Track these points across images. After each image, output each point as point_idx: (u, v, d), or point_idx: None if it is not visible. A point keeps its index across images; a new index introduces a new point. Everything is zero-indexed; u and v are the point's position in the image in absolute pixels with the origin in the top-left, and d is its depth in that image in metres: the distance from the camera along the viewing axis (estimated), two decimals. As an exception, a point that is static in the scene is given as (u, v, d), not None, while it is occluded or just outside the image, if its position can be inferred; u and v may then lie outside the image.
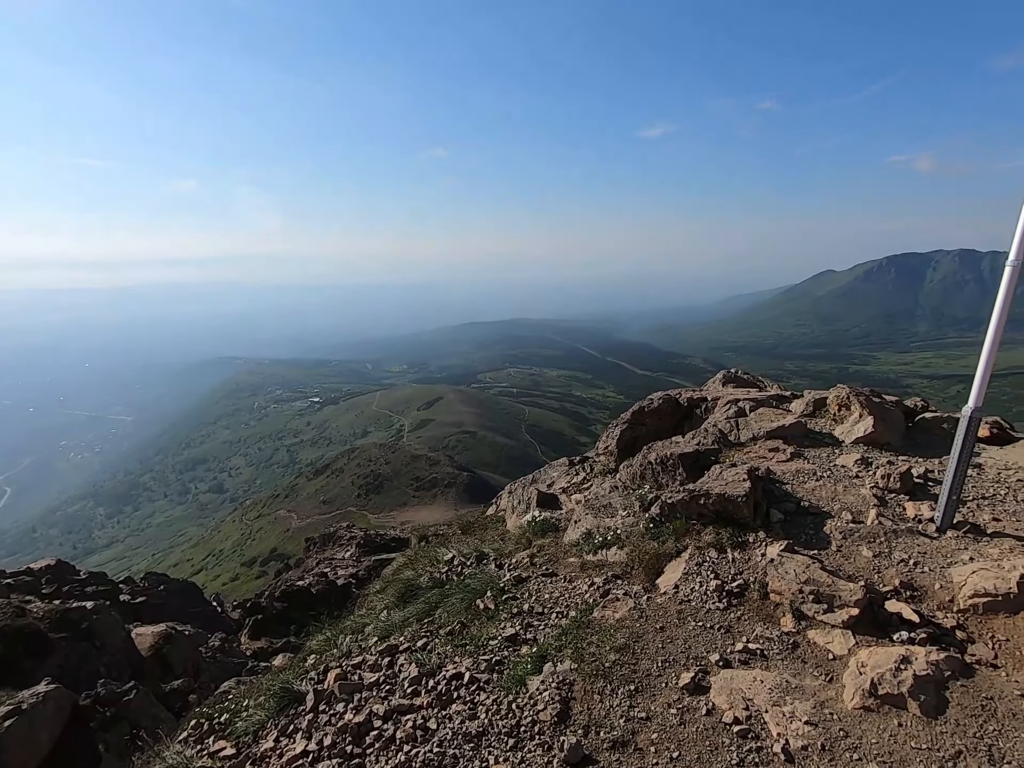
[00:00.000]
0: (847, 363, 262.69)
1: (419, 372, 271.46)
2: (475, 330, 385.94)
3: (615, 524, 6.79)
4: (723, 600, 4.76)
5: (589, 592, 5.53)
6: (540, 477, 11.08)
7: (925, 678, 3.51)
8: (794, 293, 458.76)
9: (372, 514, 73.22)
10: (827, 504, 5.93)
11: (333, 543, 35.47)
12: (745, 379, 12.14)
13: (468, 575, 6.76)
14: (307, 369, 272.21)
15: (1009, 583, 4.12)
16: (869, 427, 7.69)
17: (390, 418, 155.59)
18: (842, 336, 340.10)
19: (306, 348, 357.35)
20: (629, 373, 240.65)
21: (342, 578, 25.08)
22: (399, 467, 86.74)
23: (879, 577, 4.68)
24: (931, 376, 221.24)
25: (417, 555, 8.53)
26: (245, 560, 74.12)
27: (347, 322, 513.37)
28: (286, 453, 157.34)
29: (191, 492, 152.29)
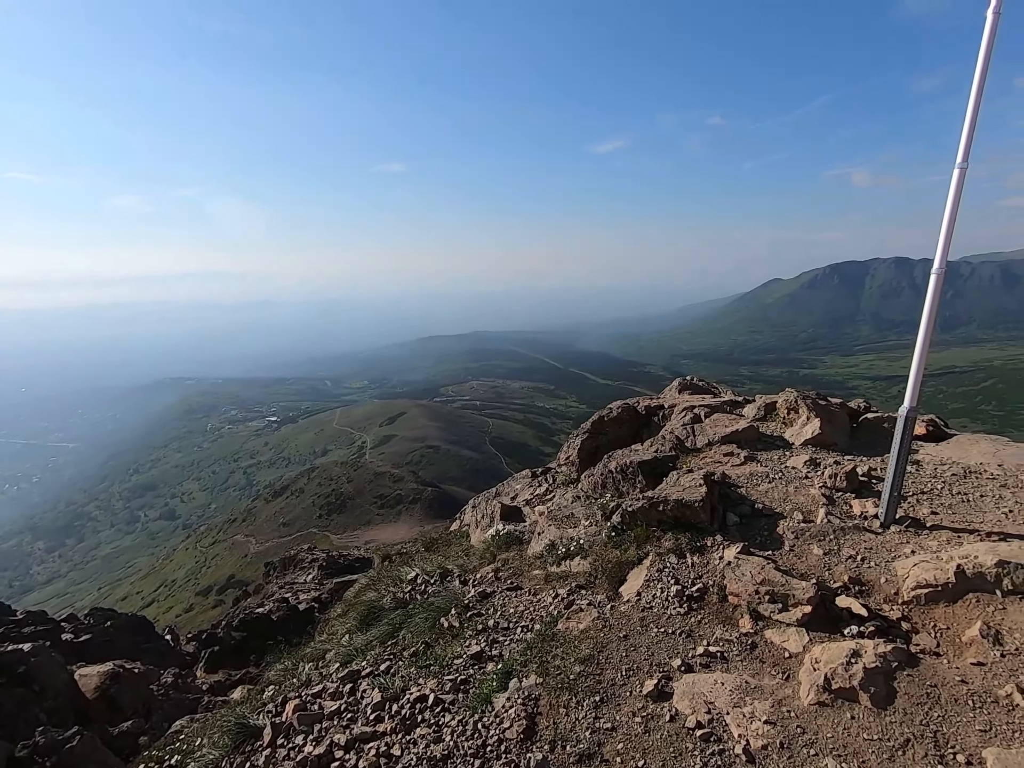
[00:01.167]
0: (797, 367, 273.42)
1: (380, 387, 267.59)
2: (436, 344, 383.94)
3: (578, 534, 6.83)
4: (684, 605, 4.84)
5: (554, 604, 5.52)
6: (503, 490, 11.05)
7: (874, 670, 3.64)
8: (745, 301, 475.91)
9: (335, 535, 71.30)
10: (780, 505, 6.13)
11: (294, 566, 34.34)
12: (700, 386, 12.47)
13: (432, 593, 6.67)
14: (263, 388, 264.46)
15: (947, 574, 4.33)
16: (816, 429, 8.01)
17: (351, 435, 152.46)
18: (791, 341, 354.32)
19: (262, 366, 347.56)
20: (591, 382, 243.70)
21: (304, 602, 24.27)
22: (362, 485, 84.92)
23: (829, 574, 4.85)
24: (874, 377, 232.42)
25: (380, 575, 8.36)
26: (200, 589, 70.84)
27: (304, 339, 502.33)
28: (243, 475, 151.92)
29: (140, 520, 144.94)
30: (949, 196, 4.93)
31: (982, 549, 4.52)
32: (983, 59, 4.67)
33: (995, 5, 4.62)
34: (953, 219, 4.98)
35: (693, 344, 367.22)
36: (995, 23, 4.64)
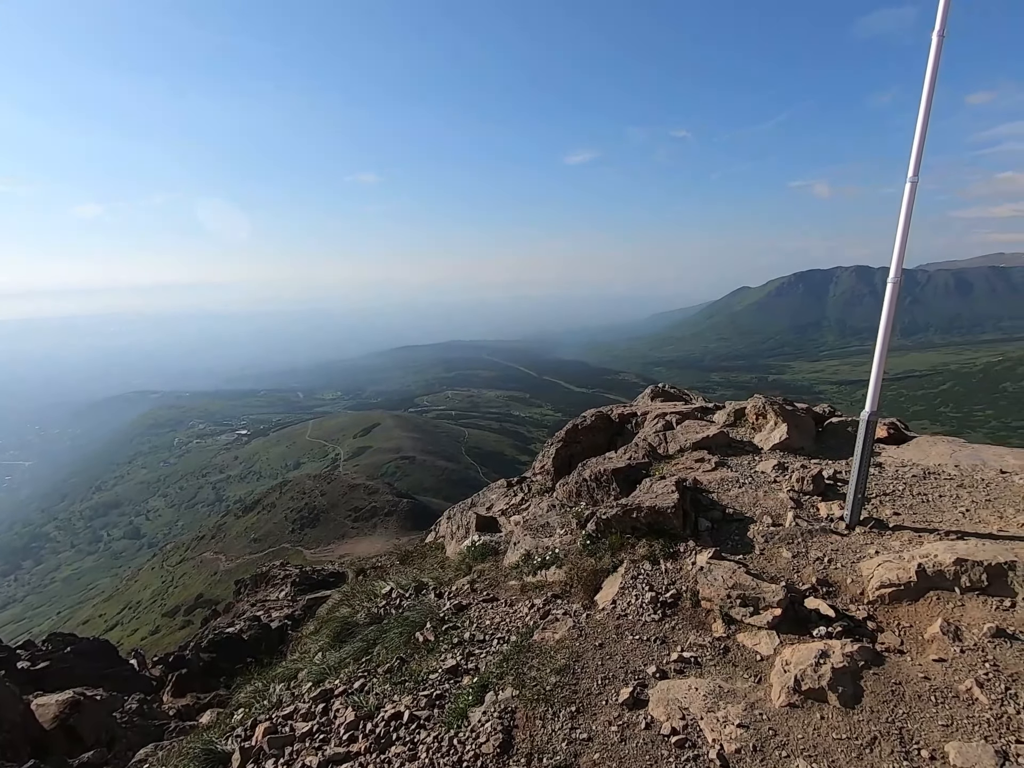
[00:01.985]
0: (766, 373, 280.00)
1: (354, 398, 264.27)
2: (410, 354, 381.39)
3: (553, 543, 6.84)
4: (658, 611, 4.88)
5: (530, 615, 5.51)
6: (479, 500, 11.00)
7: (842, 670, 3.72)
8: (714, 309, 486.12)
9: (308, 550, 69.82)
10: (750, 509, 6.24)
11: (266, 583, 33.46)
12: (672, 393, 12.66)
13: (407, 607, 6.58)
14: (232, 400, 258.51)
15: (909, 573, 4.47)
16: (784, 434, 8.20)
17: (324, 447, 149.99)
18: (760, 348, 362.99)
19: (231, 379, 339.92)
20: (566, 390, 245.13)
21: (277, 620, 23.63)
22: (335, 498, 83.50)
23: (798, 576, 4.95)
24: (839, 382, 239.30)
25: (353, 590, 8.21)
26: (167, 610, 68.48)
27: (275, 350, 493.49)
28: (211, 491, 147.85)
29: (103, 540, 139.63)
30: (902, 208, 5.14)
31: (941, 548, 4.67)
32: (930, 78, 4.90)
33: (939, 28, 4.86)
34: (907, 230, 5.19)
35: (666, 351, 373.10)
36: (940, 45, 4.88)
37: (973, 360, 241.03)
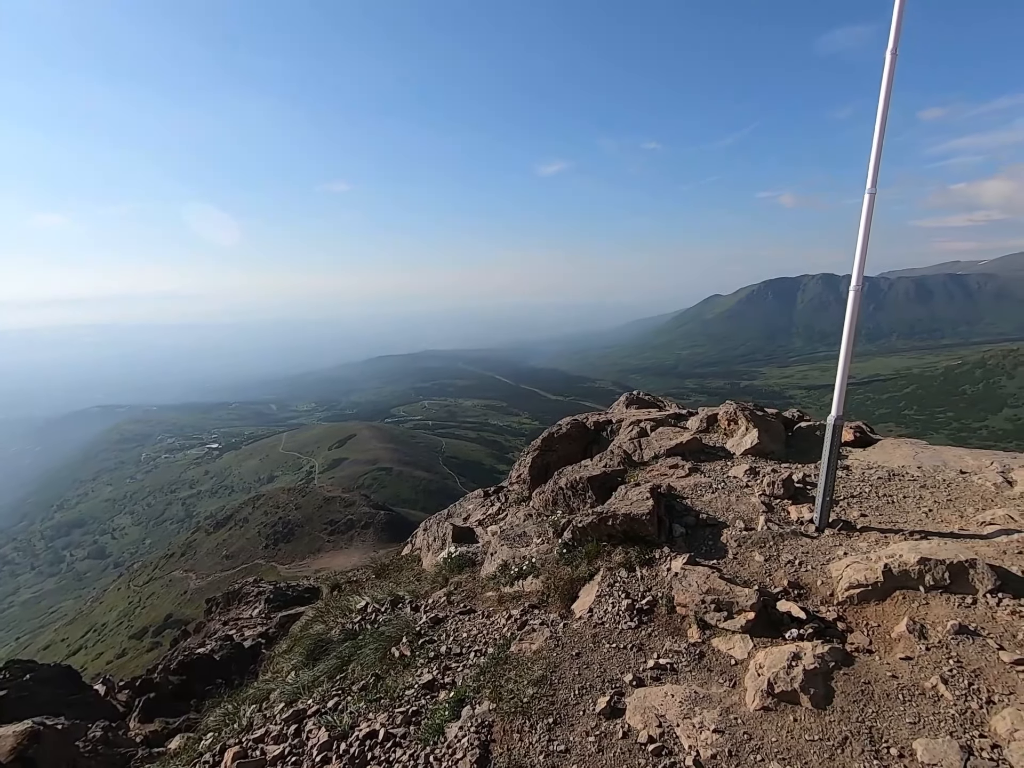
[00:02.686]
0: (738, 379, 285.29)
1: (328, 410, 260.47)
2: (385, 364, 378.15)
3: (530, 553, 6.82)
4: (634, 619, 4.89)
5: (507, 626, 5.47)
6: (455, 511, 10.92)
7: (813, 671, 3.78)
8: (687, 316, 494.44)
9: (282, 565, 68.26)
10: (723, 514, 6.32)
11: (238, 601, 32.52)
12: (646, 400, 12.79)
13: (383, 622, 6.48)
14: (203, 413, 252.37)
15: (876, 573, 4.57)
16: (755, 439, 8.35)
17: (299, 460, 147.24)
18: (732, 354, 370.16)
19: (201, 391, 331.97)
20: (543, 399, 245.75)
21: (250, 639, 22.96)
22: (310, 512, 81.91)
23: (770, 579, 5.03)
24: (808, 387, 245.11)
25: (328, 606, 8.05)
26: (134, 632, 66.07)
27: (246, 361, 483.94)
28: (181, 507, 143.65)
29: (65, 561, 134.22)
30: (862, 218, 5.31)
31: (906, 548, 4.80)
32: (884, 95, 5.10)
33: (892, 47, 5.06)
34: (866, 240, 5.36)
35: (640, 359, 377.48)
36: (893, 63, 5.08)
37: (934, 364, 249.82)
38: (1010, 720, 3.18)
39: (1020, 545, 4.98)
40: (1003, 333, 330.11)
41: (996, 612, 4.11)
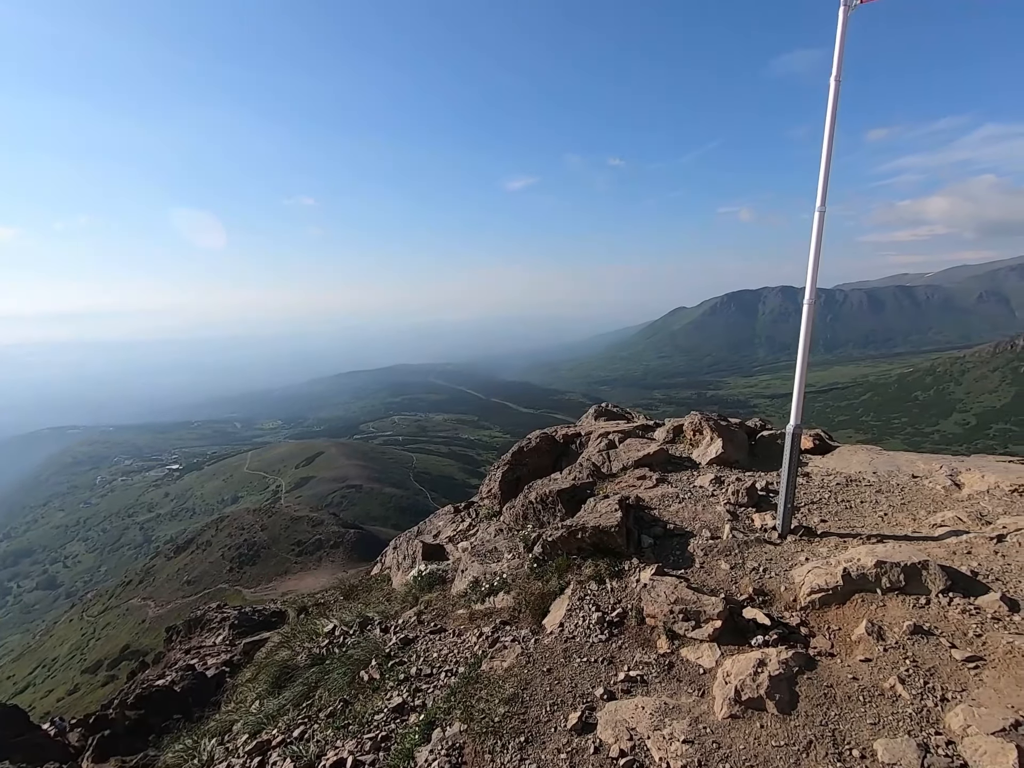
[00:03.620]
0: (705, 388, 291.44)
1: (295, 427, 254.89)
2: (354, 379, 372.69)
3: (501, 568, 6.78)
4: (605, 631, 4.91)
5: (478, 644, 5.42)
6: (426, 528, 10.79)
7: (778, 677, 3.86)
8: (654, 329, 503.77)
9: (248, 589, 65.97)
10: (689, 524, 6.43)
11: (201, 628, 31.25)
12: (615, 412, 12.95)
13: (351, 645, 6.33)
14: (163, 433, 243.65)
15: (836, 577, 4.71)
16: (720, 448, 8.53)
17: (264, 479, 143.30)
18: (698, 364, 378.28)
19: (161, 410, 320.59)
20: (514, 412, 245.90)
21: (213, 668, 22.03)
22: (277, 532, 79.62)
23: (736, 587, 5.12)
24: (771, 395, 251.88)
25: (294, 631, 7.82)
26: (87, 666, 62.69)
27: (209, 379, 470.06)
28: (139, 532, 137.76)
29: (12, 592, 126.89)
30: (812, 235, 5.55)
31: (863, 551, 4.96)
32: (830, 119, 5.36)
33: (836, 73, 5.33)
34: (818, 255, 5.59)
35: (609, 370, 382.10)
36: (837, 88, 5.35)
37: (888, 372, 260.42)
38: (963, 717, 3.30)
39: (968, 545, 5.21)
40: (949, 342, 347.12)
41: (948, 611, 4.27)
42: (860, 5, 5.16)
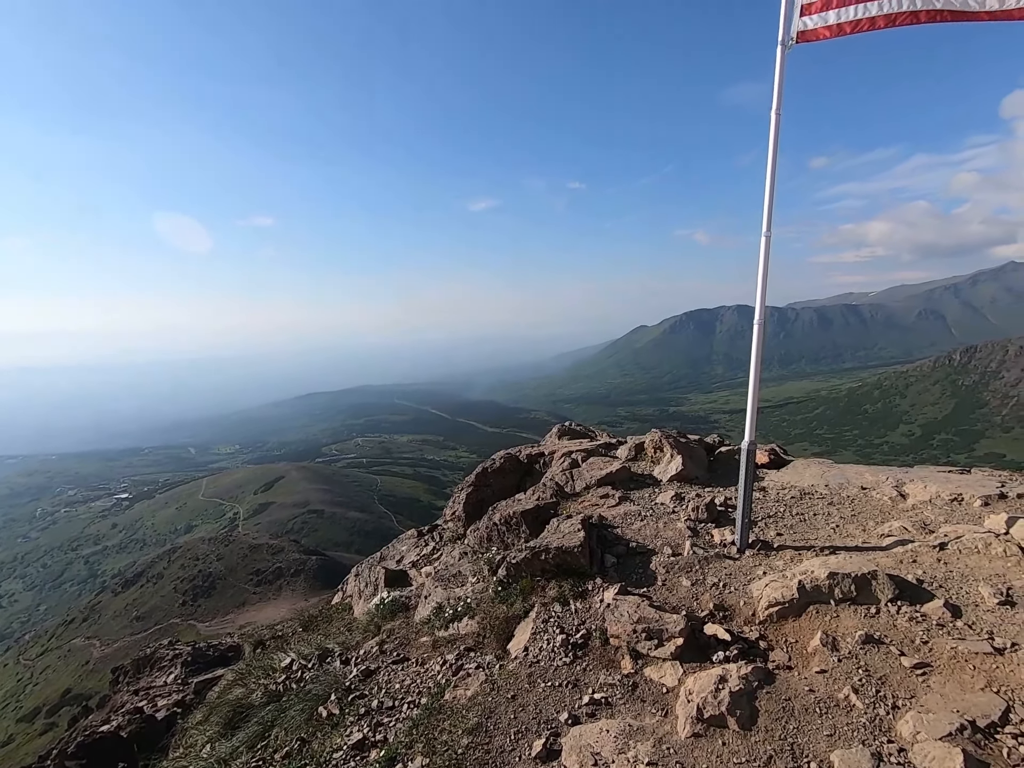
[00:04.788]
0: (667, 405, 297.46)
1: (254, 451, 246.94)
2: (315, 401, 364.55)
3: (465, 593, 6.68)
4: (569, 654, 4.88)
5: (441, 672, 5.30)
6: (388, 553, 10.57)
7: (739, 692, 3.90)
8: (616, 347, 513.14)
9: (202, 623, 62.87)
10: (651, 541, 6.49)
11: (151, 667, 29.51)
12: (578, 431, 13.05)
13: (309, 679, 6.09)
14: (110, 461, 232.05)
15: (791, 590, 4.82)
16: (680, 465, 8.70)
17: (221, 506, 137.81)
18: (659, 382, 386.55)
19: (108, 436, 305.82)
20: (479, 431, 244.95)
21: (163, 709, 20.76)
22: (234, 562, 76.42)
23: (697, 604, 5.18)
24: (731, 411, 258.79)
25: (249, 667, 7.48)
26: (24, 714, 58.20)
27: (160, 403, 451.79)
28: (84, 566, 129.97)
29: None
30: (760, 259, 5.78)
31: (817, 564, 5.10)
32: (772, 150, 5.65)
33: (776, 107, 5.63)
34: (765, 277, 5.82)
35: (573, 389, 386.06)
36: (778, 121, 5.64)
37: (839, 387, 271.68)
38: (912, 724, 3.40)
39: (913, 554, 5.43)
40: (893, 357, 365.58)
41: (896, 620, 4.42)
42: (796, 45, 5.49)
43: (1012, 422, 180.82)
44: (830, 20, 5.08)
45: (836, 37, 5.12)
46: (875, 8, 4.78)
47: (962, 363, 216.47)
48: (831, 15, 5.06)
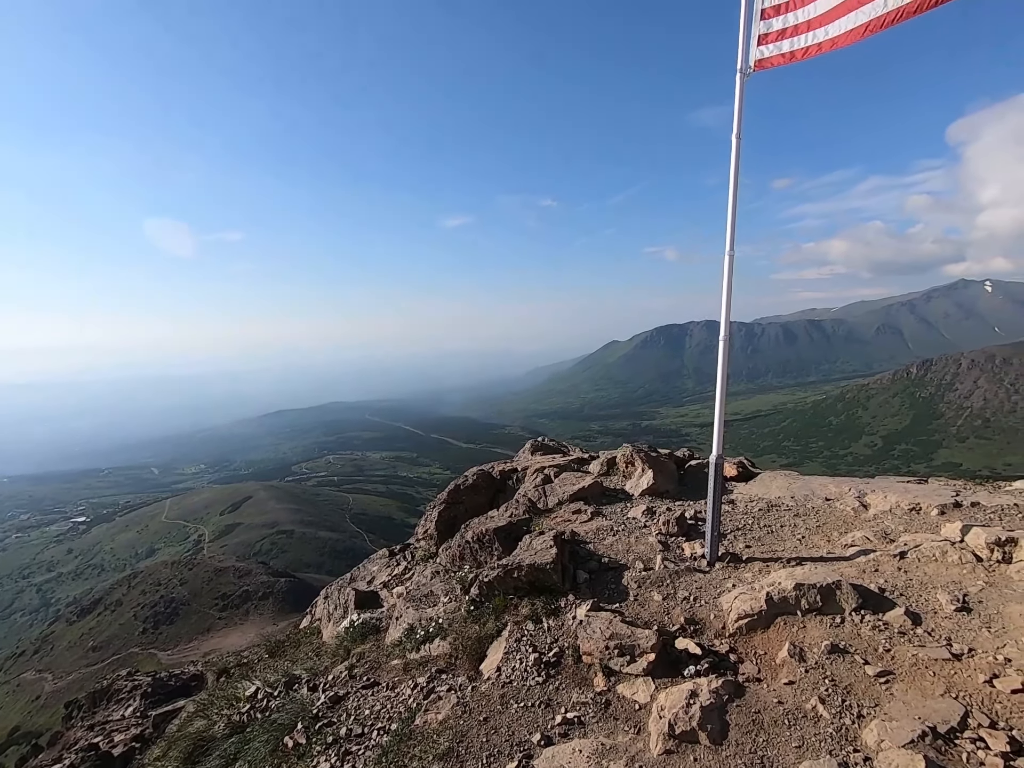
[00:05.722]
0: (639, 419, 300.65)
1: (220, 471, 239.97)
2: (285, 419, 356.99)
3: (437, 613, 6.58)
4: (542, 673, 4.83)
5: (412, 696, 5.18)
6: (359, 574, 10.35)
7: (710, 707, 3.92)
8: (589, 362, 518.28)
9: (164, 651, 60.27)
10: (623, 556, 6.52)
11: (108, 700, 28.05)
12: (551, 446, 13.07)
13: (275, 708, 5.89)
14: (66, 483, 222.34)
15: (760, 602, 4.89)
16: (651, 480, 8.78)
17: (185, 529, 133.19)
18: (632, 396, 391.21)
19: (66, 457, 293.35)
20: (453, 447, 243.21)
21: (120, 745, 19.72)
22: (198, 586, 73.67)
23: (668, 618, 5.20)
24: (701, 424, 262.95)
25: (212, 696, 7.19)
26: (-33, 755, 54.66)
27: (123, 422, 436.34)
28: (36, 594, 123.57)
29: None
30: (724, 277, 5.94)
31: (784, 575, 5.19)
32: (733, 172, 5.84)
33: (736, 131, 5.84)
34: (729, 295, 5.98)
35: (547, 404, 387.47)
36: (738, 145, 5.84)
37: (804, 399, 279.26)
38: (877, 732, 3.46)
39: (875, 563, 5.57)
40: (856, 370, 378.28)
41: (860, 629, 4.52)
42: (754, 73, 5.72)
43: (966, 432, 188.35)
44: (784, 49, 5.32)
45: (789, 64, 5.36)
46: (822, 34, 5.04)
47: (919, 376, 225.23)
48: (785, 44, 5.31)
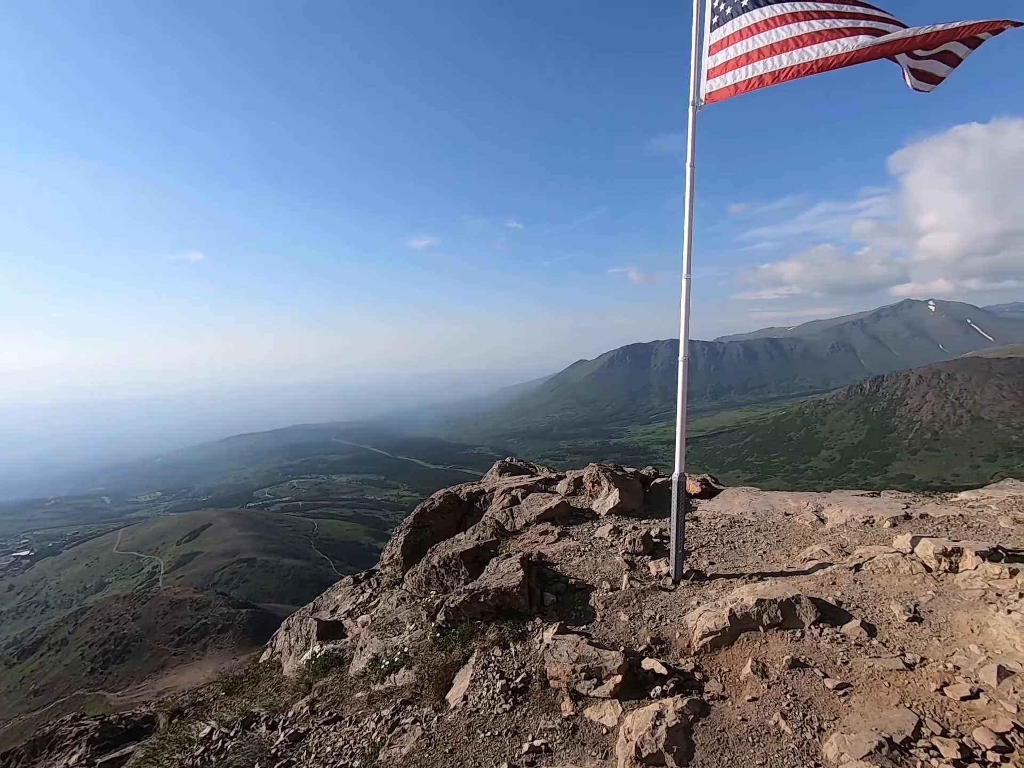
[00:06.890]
0: (607, 437, 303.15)
1: (177, 498, 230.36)
2: (246, 442, 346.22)
3: (403, 642, 6.43)
4: (509, 700, 4.76)
5: (376, 730, 5.03)
6: (322, 603, 10.03)
7: (675, 727, 3.92)
8: (556, 381, 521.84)
9: (114, 692, 56.68)
10: (590, 577, 6.52)
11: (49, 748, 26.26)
12: (519, 466, 13.05)
13: (231, 750, 5.61)
14: (9, 515, 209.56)
15: (723, 619, 4.95)
16: (617, 499, 8.84)
17: (139, 560, 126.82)
18: (599, 414, 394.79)
19: (8, 488, 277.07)
20: (422, 469, 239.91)
21: (61, 798, 18.40)
22: (152, 621, 69.88)
23: (635, 638, 5.21)
24: (668, 442, 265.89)
25: (163, 740, 6.80)
26: None
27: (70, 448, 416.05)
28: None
29: None
30: (682, 299, 6.11)
31: (746, 591, 5.28)
32: (688, 199, 6.06)
33: (690, 160, 6.07)
34: (688, 317, 6.16)
35: (516, 423, 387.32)
36: (692, 174, 6.08)
37: (765, 415, 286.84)
38: (836, 745, 3.52)
39: (833, 576, 5.72)
40: (812, 387, 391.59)
41: (819, 642, 4.62)
42: (705, 105, 5.98)
43: (917, 445, 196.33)
44: (728, 81, 5.60)
45: (734, 96, 5.63)
46: (761, 67, 5.32)
47: (872, 392, 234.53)
48: (728, 76, 5.58)
